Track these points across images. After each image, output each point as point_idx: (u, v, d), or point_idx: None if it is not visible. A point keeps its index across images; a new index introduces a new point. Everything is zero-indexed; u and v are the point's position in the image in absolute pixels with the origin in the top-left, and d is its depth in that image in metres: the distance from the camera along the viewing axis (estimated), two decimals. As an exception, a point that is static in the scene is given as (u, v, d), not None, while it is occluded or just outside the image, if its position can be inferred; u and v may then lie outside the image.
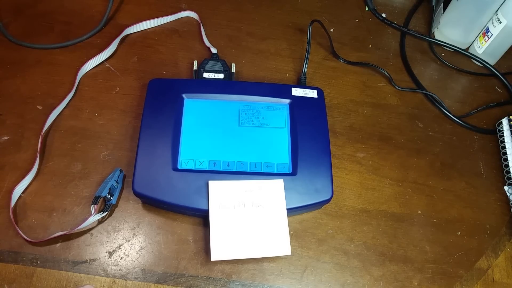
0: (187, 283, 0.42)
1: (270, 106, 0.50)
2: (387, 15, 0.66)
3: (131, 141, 0.49)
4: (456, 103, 0.57)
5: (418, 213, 0.48)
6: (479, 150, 0.53)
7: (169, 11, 0.61)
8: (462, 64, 0.61)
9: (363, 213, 0.47)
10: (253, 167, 0.45)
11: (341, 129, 0.53)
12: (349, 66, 0.59)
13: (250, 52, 0.59)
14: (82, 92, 0.53)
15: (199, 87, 0.50)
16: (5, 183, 0.45)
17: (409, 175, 0.51)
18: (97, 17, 0.59)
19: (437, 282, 0.44)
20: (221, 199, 0.42)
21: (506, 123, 0.53)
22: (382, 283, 0.44)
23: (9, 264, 0.41)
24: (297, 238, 0.45)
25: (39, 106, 0.50)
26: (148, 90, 0.49)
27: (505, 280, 0.45)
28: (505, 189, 0.50)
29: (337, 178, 0.49)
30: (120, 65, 0.55)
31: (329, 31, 0.61)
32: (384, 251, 0.45)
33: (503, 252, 0.47)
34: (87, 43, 0.57)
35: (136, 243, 0.43)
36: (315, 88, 0.51)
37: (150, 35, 0.59)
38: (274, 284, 0.43)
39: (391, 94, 0.57)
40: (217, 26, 0.61)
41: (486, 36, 0.58)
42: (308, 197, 0.44)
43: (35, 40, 0.56)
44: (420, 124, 0.55)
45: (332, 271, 0.44)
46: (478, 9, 0.57)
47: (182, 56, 0.57)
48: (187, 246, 0.44)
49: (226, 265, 0.43)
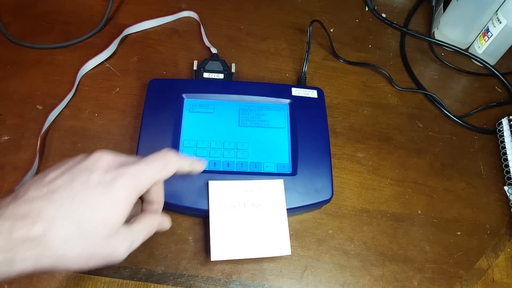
0: (187, 283, 0.42)
1: (270, 106, 0.50)
2: (387, 15, 0.66)
3: (131, 141, 0.49)
4: (456, 103, 0.57)
5: (418, 213, 0.48)
6: (479, 150, 0.53)
7: (169, 11, 0.61)
8: (462, 64, 0.61)
9: (363, 213, 0.47)
10: (253, 167, 0.45)
11: (341, 129, 0.53)
12: (349, 66, 0.59)
13: (250, 52, 0.59)
14: (82, 92, 0.53)
15: (199, 87, 0.50)
16: (5, 183, 0.45)
17: (409, 175, 0.51)
18: (97, 17, 0.59)
19: (437, 282, 0.44)
20: (221, 199, 0.42)
21: (506, 123, 0.53)
22: (382, 283, 0.44)
23: (9, 264, 0.41)
24: (297, 238, 0.45)
25: (39, 106, 0.50)
26: (148, 90, 0.49)
27: (505, 280, 0.45)
28: (505, 189, 0.50)
29: (337, 178, 0.49)
30: (120, 65, 0.55)
31: (329, 31, 0.61)
32: (384, 251, 0.45)
33: (503, 252, 0.47)
34: (87, 43, 0.57)
35: (136, 243, 0.43)
36: (315, 88, 0.51)
37: (150, 35, 0.59)
38: (274, 284, 0.43)
39: (391, 94, 0.57)
40: (217, 26, 0.61)
41: (486, 36, 0.58)
42: (308, 197, 0.44)
43: (35, 40, 0.56)
44: (420, 124, 0.55)
45: (332, 271, 0.44)
46: (478, 9, 0.57)
47: (182, 56, 0.57)
48: (187, 246, 0.44)
49: (226, 265, 0.43)
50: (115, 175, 0.31)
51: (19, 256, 0.26)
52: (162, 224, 0.36)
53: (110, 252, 0.30)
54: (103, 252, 0.30)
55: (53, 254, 0.27)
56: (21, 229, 0.26)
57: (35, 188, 0.29)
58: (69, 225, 0.28)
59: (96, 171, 0.30)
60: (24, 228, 0.26)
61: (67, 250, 0.28)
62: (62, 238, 0.28)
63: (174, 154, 0.35)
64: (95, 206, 0.29)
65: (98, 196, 0.29)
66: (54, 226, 0.27)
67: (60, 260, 0.28)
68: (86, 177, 0.30)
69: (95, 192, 0.29)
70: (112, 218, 0.30)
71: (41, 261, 0.27)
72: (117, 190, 0.30)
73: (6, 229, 0.26)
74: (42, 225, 0.27)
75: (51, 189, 0.29)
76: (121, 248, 0.31)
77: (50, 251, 0.27)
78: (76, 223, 0.28)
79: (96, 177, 0.30)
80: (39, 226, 0.27)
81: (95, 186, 0.30)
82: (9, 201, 0.28)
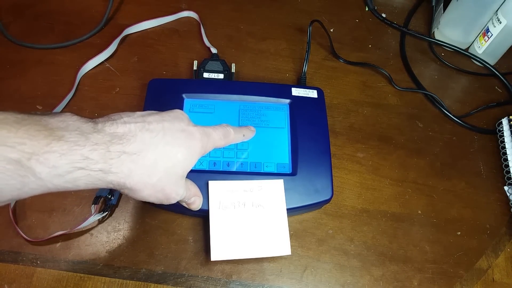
0: (187, 283, 0.42)
1: (270, 106, 0.50)
2: (387, 15, 0.66)
3: (131, 141, 0.49)
4: (456, 103, 0.57)
5: (418, 213, 0.48)
6: (479, 150, 0.53)
7: (169, 11, 0.61)
8: (462, 64, 0.61)
9: (363, 213, 0.47)
10: (253, 167, 0.45)
11: (341, 129, 0.53)
12: (349, 66, 0.59)
13: (250, 52, 0.59)
14: (82, 92, 0.53)
15: (199, 87, 0.50)
16: (5, 183, 0.45)
17: (409, 175, 0.51)
18: (97, 17, 0.59)
19: (437, 282, 0.44)
20: (221, 199, 0.42)
21: (506, 123, 0.53)
22: (382, 283, 0.44)
23: (9, 264, 0.41)
24: (297, 238, 0.45)
25: (39, 106, 0.50)
26: (148, 90, 0.49)
27: (505, 280, 0.45)
28: (505, 189, 0.50)
29: (337, 178, 0.49)
30: (120, 65, 0.55)
31: (329, 31, 0.61)
32: (384, 251, 0.45)
33: (503, 252, 0.47)
34: (87, 43, 0.57)
35: (136, 243, 0.43)
36: (315, 88, 0.51)
37: (150, 35, 0.59)
38: (274, 284, 0.43)
39: (391, 94, 0.57)
40: (217, 26, 0.61)
41: (486, 36, 0.58)
42: (308, 197, 0.44)
43: (35, 40, 0.56)
44: (420, 124, 0.55)
45: (332, 271, 0.44)
46: (478, 9, 0.57)
47: (182, 56, 0.57)
48: (187, 246, 0.44)
49: (226, 265, 0.43)
50: (196, 129, 0.35)
51: (114, 168, 0.29)
52: (197, 199, 0.39)
53: (171, 194, 0.34)
54: (167, 192, 0.34)
55: (138, 174, 0.31)
56: (118, 145, 0.30)
57: (129, 117, 0.32)
58: (156, 154, 0.32)
59: (182, 120, 0.35)
60: (122, 145, 0.30)
61: (149, 176, 0.32)
62: (148, 162, 0.31)
63: (232, 127, 0.40)
64: (180, 147, 0.33)
65: (183, 140, 0.34)
66: (146, 150, 0.31)
67: (139, 183, 0.31)
68: (174, 122, 0.34)
69: (182, 135, 0.34)
70: (184, 166, 0.34)
71: (128, 178, 0.30)
72: (197, 140, 0.35)
73: (106, 143, 0.29)
74: (137, 147, 0.31)
75: (146, 121, 0.33)
76: (178, 194, 0.35)
77: (138, 171, 0.31)
78: (160, 156, 0.32)
79: (183, 125, 0.34)
80: (135, 146, 0.31)
81: (182, 131, 0.34)
82: (106, 120, 0.31)
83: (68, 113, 0.29)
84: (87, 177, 0.28)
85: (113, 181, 0.30)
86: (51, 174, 0.27)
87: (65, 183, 0.28)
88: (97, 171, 0.29)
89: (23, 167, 0.26)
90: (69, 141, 0.27)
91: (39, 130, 0.26)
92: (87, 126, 0.29)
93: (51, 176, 0.27)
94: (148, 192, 0.32)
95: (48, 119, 0.28)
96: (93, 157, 0.28)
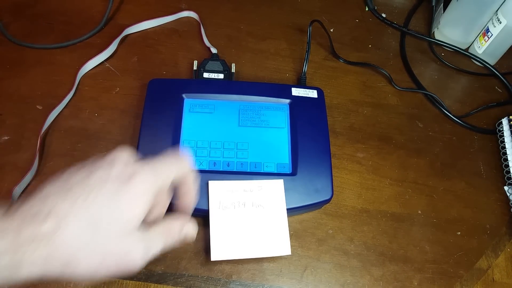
0: (187, 283, 0.42)
1: (270, 106, 0.50)
2: (387, 15, 0.66)
3: (131, 141, 0.49)
4: (456, 103, 0.57)
5: (418, 213, 0.48)
6: (479, 150, 0.53)
7: (169, 11, 0.61)
8: (462, 64, 0.61)
9: (363, 213, 0.47)
10: (253, 167, 0.45)
11: (341, 129, 0.53)
12: (349, 66, 0.59)
13: (250, 52, 0.59)
14: (82, 92, 0.53)
15: (199, 87, 0.50)
16: (5, 183, 0.45)
17: (409, 175, 0.51)
18: (97, 17, 0.59)
19: (437, 282, 0.44)
20: (221, 199, 0.42)
21: (506, 123, 0.53)
22: (382, 283, 0.44)
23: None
24: (297, 238, 0.45)
25: (39, 106, 0.50)
26: (148, 90, 0.49)
27: (505, 280, 0.45)
28: (505, 189, 0.50)
29: (337, 178, 0.49)
30: (120, 65, 0.55)
31: (329, 31, 0.61)
32: (384, 251, 0.45)
33: (503, 252, 0.47)
34: (87, 43, 0.57)
35: (136, 243, 0.43)
36: (315, 88, 0.51)
37: (150, 35, 0.59)
38: (274, 284, 0.43)
39: (391, 94, 0.57)
40: (217, 26, 0.61)
41: (486, 36, 0.58)
42: (308, 197, 0.44)
43: (35, 40, 0.56)
44: (420, 124, 0.55)
45: (332, 271, 0.44)
46: (478, 9, 0.57)
47: (182, 56, 0.57)
48: (187, 246, 0.44)
49: (226, 265, 0.43)
50: (133, 170, 0.29)
51: (27, 257, 0.24)
52: (185, 230, 0.33)
53: (123, 256, 0.28)
54: (115, 254, 0.27)
55: (62, 254, 0.25)
56: (30, 226, 0.25)
57: (51, 185, 0.27)
58: (82, 220, 0.26)
59: (114, 166, 0.29)
60: (34, 225, 0.25)
61: (78, 249, 0.26)
62: (74, 234, 0.26)
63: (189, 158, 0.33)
64: (111, 201, 0.27)
65: (115, 191, 0.28)
66: (66, 222, 0.26)
67: (70, 263, 0.26)
68: (104, 172, 0.28)
69: (112, 186, 0.28)
70: (127, 215, 0.28)
71: (50, 264, 0.25)
72: (134, 184, 0.28)
73: (14, 228, 0.24)
74: (53, 222, 0.25)
75: (67, 185, 0.27)
76: (135, 252, 0.28)
77: (59, 251, 0.25)
78: (90, 218, 0.26)
79: (114, 172, 0.28)
80: (50, 222, 0.25)
81: (113, 181, 0.28)
82: (22, 201, 0.26)
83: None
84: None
85: (30, 275, 0.25)
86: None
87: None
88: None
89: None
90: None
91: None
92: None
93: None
94: (88, 269, 0.27)
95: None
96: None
